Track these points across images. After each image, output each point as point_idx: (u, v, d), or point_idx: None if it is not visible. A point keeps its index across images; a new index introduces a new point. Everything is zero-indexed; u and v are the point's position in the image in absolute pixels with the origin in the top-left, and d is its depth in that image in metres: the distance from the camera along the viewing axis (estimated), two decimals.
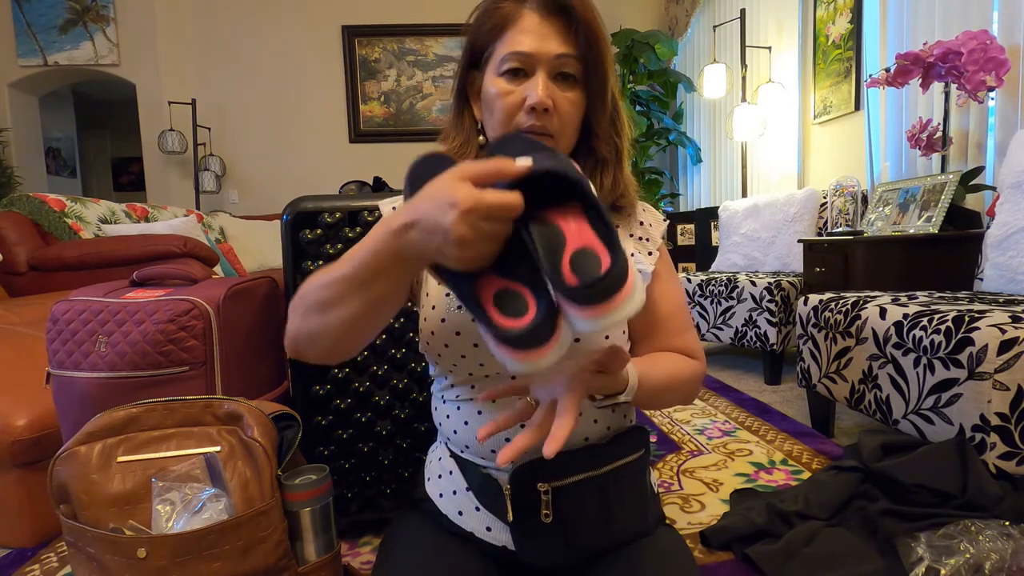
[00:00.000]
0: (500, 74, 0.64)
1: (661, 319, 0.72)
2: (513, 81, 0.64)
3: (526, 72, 0.64)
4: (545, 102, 0.62)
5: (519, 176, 0.46)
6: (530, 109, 0.63)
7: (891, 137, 2.30)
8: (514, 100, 0.64)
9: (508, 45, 0.64)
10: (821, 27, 2.82)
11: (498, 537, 0.64)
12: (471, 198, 0.42)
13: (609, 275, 0.43)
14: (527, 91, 0.63)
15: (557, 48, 0.63)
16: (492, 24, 0.65)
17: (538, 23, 0.63)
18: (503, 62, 0.64)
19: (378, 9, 4.39)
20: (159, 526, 0.68)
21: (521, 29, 0.63)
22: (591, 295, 0.43)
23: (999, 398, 0.98)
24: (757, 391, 2.11)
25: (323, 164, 4.43)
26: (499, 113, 0.65)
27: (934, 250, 1.81)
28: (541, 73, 0.63)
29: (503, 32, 0.64)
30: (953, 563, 0.81)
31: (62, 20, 4.19)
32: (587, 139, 0.70)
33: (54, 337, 0.99)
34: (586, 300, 0.43)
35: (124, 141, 6.41)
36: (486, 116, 0.68)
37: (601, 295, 0.43)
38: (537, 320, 0.46)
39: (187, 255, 2.25)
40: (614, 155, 0.70)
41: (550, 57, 0.63)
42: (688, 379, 0.70)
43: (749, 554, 0.95)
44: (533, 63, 0.63)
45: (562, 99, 0.64)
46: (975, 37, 1.68)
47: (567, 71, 0.64)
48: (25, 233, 2.51)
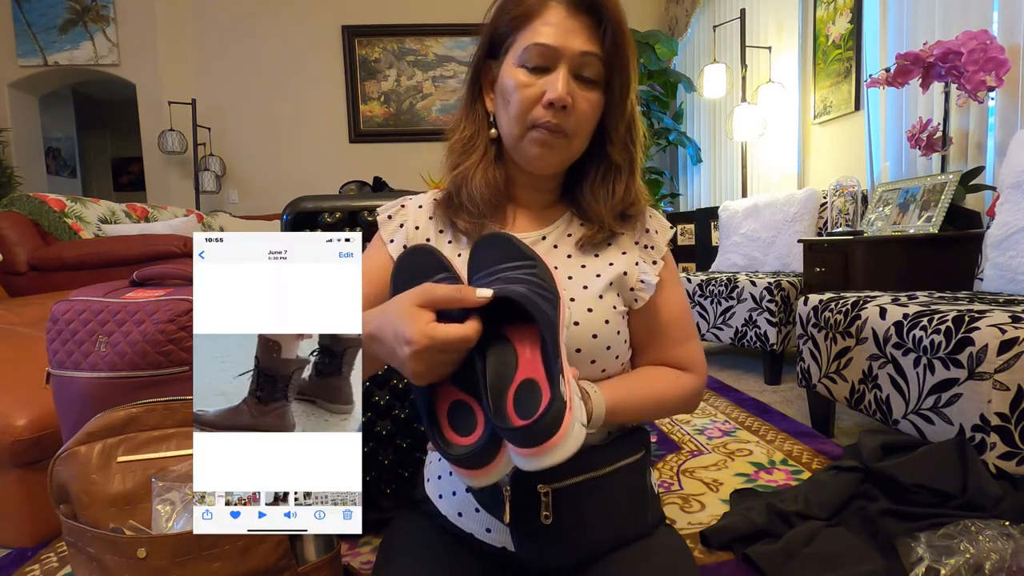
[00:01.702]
0: (520, 65, 0.63)
1: (663, 327, 0.71)
2: (533, 74, 0.62)
3: (547, 67, 0.62)
4: (565, 99, 0.61)
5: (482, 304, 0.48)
6: (548, 104, 0.61)
7: (891, 137, 2.30)
8: (532, 93, 0.62)
9: (531, 36, 0.62)
10: (821, 27, 2.82)
11: (498, 538, 0.64)
12: (424, 337, 0.45)
13: (542, 419, 0.43)
14: (547, 85, 0.62)
15: (582, 45, 0.62)
16: (517, 13, 0.64)
17: (564, 17, 0.62)
18: (524, 53, 0.62)
19: (378, 9, 4.40)
20: (159, 526, 0.68)
21: (546, 21, 0.62)
22: (522, 438, 0.44)
23: (999, 398, 0.98)
24: (757, 391, 2.11)
25: (323, 164, 4.43)
26: (515, 106, 0.63)
27: (934, 250, 1.81)
28: (563, 69, 0.62)
29: (527, 22, 0.63)
30: (953, 563, 0.81)
31: (62, 20, 4.20)
32: (602, 143, 0.69)
33: (54, 337, 0.99)
34: (519, 442, 0.45)
35: (124, 141, 6.41)
36: (500, 107, 0.67)
37: (532, 439, 0.44)
38: (480, 443, 0.47)
39: (187, 255, 2.26)
40: (627, 163, 0.69)
41: (574, 54, 0.61)
42: (679, 398, 0.70)
43: (749, 554, 0.95)
44: (556, 58, 0.62)
45: (581, 98, 0.63)
46: (975, 37, 1.68)
47: (589, 72, 0.63)
48: (25, 233, 2.51)
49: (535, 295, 0.49)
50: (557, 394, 0.45)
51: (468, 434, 0.50)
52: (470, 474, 0.49)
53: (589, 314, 0.64)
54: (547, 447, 0.44)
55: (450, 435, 0.51)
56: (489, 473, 0.48)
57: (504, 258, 0.55)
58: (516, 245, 0.56)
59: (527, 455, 0.44)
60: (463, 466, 0.48)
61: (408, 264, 0.59)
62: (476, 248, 0.58)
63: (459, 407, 0.52)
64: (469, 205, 0.68)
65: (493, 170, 0.69)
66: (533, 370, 0.49)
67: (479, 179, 0.68)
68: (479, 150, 0.69)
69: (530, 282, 0.51)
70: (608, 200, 0.69)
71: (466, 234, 0.69)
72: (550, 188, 0.73)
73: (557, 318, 0.50)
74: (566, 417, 0.44)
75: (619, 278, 0.68)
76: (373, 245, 0.74)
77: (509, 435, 0.45)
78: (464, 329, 0.46)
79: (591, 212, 0.70)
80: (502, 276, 0.53)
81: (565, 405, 0.45)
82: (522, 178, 0.71)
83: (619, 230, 0.70)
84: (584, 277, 0.68)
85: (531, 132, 0.64)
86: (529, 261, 0.55)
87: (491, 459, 0.48)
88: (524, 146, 0.65)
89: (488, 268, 0.55)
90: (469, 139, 0.70)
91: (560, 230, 0.72)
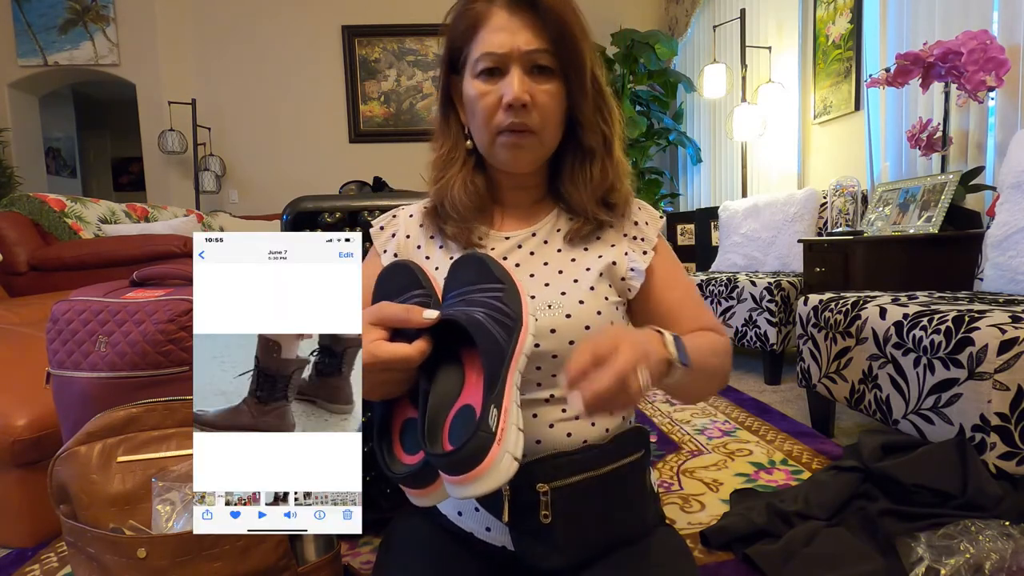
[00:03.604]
0: (476, 75, 0.65)
1: (670, 310, 0.72)
2: (489, 81, 0.64)
3: (501, 70, 0.63)
4: (522, 98, 0.62)
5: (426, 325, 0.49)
6: (507, 107, 0.63)
7: (891, 137, 2.30)
8: (492, 100, 0.64)
9: (481, 46, 0.64)
10: (821, 27, 2.82)
11: (497, 537, 0.64)
12: (367, 355, 0.47)
13: (463, 449, 0.43)
14: (503, 89, 0.63)
15: (528, 43, 0.63)
16: (465, 26, 0.65)
17: (507, 19, 0.63)
18: (477, 63, 0.64)
19: (378, 9, 4.39)
20: (159, 526, 0.68)
21: (492, 28, 0.63)
22: (444, 465, 0.45)
23: (999, 398, 0.98)
24: (757, 391, 2.11)
25: (323, 164, 4.43)
26: (479, 115, 0.65)
27: (934, 250, 1.81)
28: (515, 70, 0.63)
29: (476, 33, 0.65)
30: (953, 563, 0.81)
31: (62, 20, 4.20)
32: (573, 129, 0.69)
33: (54, 337, 0.99)
34: (442, 468, 0.45)
35: (124, 141, 6.41)
36: (470, 119, 0.68)
37: (453, 468, 0.44)
38: (420, 464, 0.48)
39: (187, 255, 2.26)
40: (602, 143, 0.70)
41: (521, 53, 0.63)
42: (723, 350, 0.68)
43: (749, 554, 0.95)
44: (506, 61, 0.63)
45: (539, 92, 0.64)
46: (975, 37, 1.68)
47: (542, 63, 0.64)
48: (25, 233, 2.51)
49: (489, 320, 0.50)
50: (483, 424, 0.45)
51: (416, 452, 0.51)
52: (413, 493, 0.51)
53: (581, 306, 0.65)
54: (469, 477, 0.44)
55: (398, 451, 0.52)
56: (431, 494, 0.50)
57: (474, 280, 0.56)
58: (488, 268, 0.57)
59: (452, 482, 0.45)
60: (407, 484, 0.50)
61: (385, 280, 0.60)
62: (452, 269, 0.60)
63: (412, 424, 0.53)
64: (453, 213, 0.70)
65: (472, 178, 0.71)
66: (473, 396, 0.50)
67: (458, 188, 0.69)
68: (458, 162, 0.71)
69: (491, 306, 0.52)
70: (587, 185, 0.70)
71: (455, 240, 0.71)
72: (535, 185, 0.74)
73: (512, 345, 0.51)
74: (492, 449, 0.44)
75: (609, 268, 0.69)
76: (370, 258, 0.76)
77: (434, 460, 0.46)
78: (406, 349, 0.48)
79: (574, 202, 0.71)
80: (467, 298, 0.54)
81: (493, 437, 0.45)
82: (506, 180, 0.73)
83: (605, 218, 0.71)
84: (574, 271, 0.68)
85: (499, 138, 0.66)
86: (498, 285, 0.56)
87: (432, 480, 0.49)
88: (496, 152, 0.67)
89: (459, 289, 0.57)
90: (447, 154, 0.72)
91: (549, 226, 0.73)
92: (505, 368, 0.49)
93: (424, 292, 0.57)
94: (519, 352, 0.51)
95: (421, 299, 0.56)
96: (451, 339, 0.51)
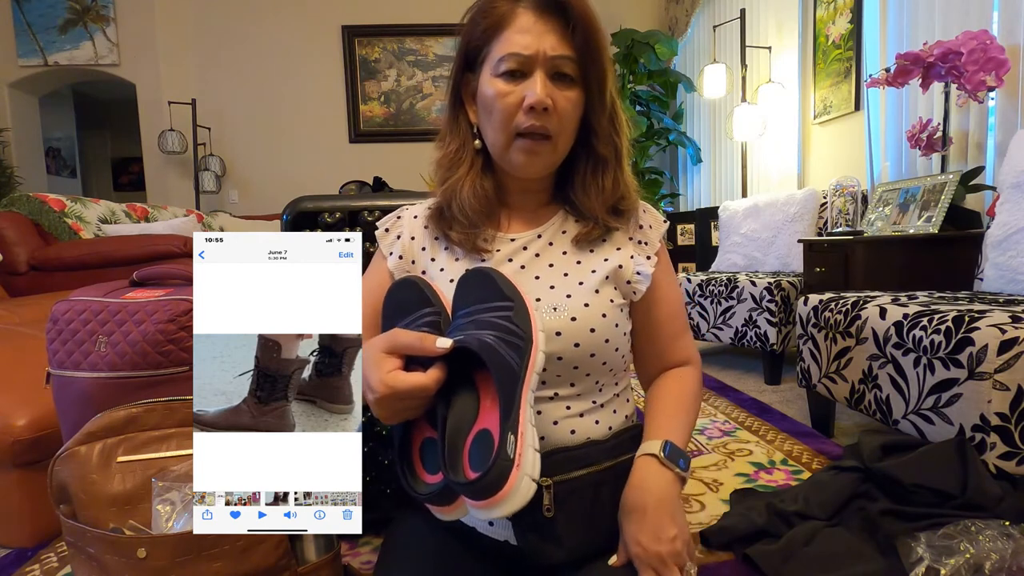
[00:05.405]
0: (497, 75, 0.64)
1: (660, 323, 0.73)
2: (511, 82, 0.63)
3: (524, 72, 0.63)
4: (544, 101, 0.62)
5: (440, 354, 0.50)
6: (529, 109, 0.62)
7: (891, 137, 2.30)
8: (513, 101, 0.63)
9: (505, 46, 0.63)
10: (821, 27, 2.82)
11: (500, 532, 0.64)
12: (383, 386, 0.48)
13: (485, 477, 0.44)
14: (526, 91, 0.63)
15: (554, 47, 0.63)
16: (487, 24, 0.65)
17: (534, 22, 0.63)
18: (500, 63, 0.63)
19: (378, 9, 4.40)
20: (159, 526, 0.68)
21: (517, 29, 0.63)
22: (468, 492, 0.46)
23: (999, 398, 0.98)
24: (757, 391, 2.11)
25: (323, 164, 4.43)
26: (498, 115, 0.64)
27: (934, 250, 1.81)
28: (539, 73, 0.63)
29: (499, 32, 0.64)
30: (953, 563, 0.81)
31: (62, 20, 4.20)
32: (587, 138, 0.69)
33: (54, 337, 0.99)
34: (466, 495, 0.46)
35: (124, 141, 6.41)
36: (483, 118, 0.68)
37: (477, 494, 0.45)
38: (441, 484, 0.49)
39: (187, 255, 2.25)
40: (613, 155, 0.70)
41: (548, 57, 0.62)
42: (697, 396, 0.73)
43: (749, 554, 0.95)
44: (531, 63, 0.63)
45: (561, 98, 0.64)
46: (975, 37, 1.68)
47: (565, 70, 0.64)
48: (25, 233, 2.51)
49: (500, 342, 0.51)
50: (503, 452, 0.46)
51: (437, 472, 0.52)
52: (437, 510, 0.51)
53: (586, 309, 0.65)
54: (493, 502, 0.45)
55: (420, 471, 0.53)
56: (455, 510, 0.51)
57: (482, 299, 0.56)
58: (496, 285, 0.57)
59: (474, 506, 0.46)
60: (430, 502, 0.51)
61: (394, 296, 0.61)
62: (459, 285, 0.60)
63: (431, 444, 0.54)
64: (460, 217, 0.69)
65: (481, 180, 0.70)
66: (490, 420, 0.50)
67: (467, 191, 0.69)
68: (466, 163, 0.70)
69: (501, 327, 0.53)
70: (599, 195, 0.70)
71: (459, 245, 0.70)
72: (542, 189, 0.74)
73: (524, 367, 0.51)
74: (512, 474, 0.45)
75: (615, 271, 0.69)
76: (375, 261, 0.76)
77: (457, 487, 0.47)
78: (422, 379, 0.49)
79: (584, 207, 0.71)
80: (477, 319, 0.54)
81: (512, 463, 0.45)
82: (513, 184, 0.72)
83: (613, 224, 0.71)
84: (580, 273, 0.68)
85: (516, 141, 0.65)
86: (507, 303, 0.56)
87: (455, 499, 0.50)
88: (510, 155, 0.66)
89: (467, 308, 0.57)
90: (455, 153, 0.71)
91: (555, 227, 0.73)
92: (519, 392, 0.49)
93: (434, 311, 0.58)
94: (531, 372, 0.52)
95: (431, 318, 0.57)
96: (464, 362, 0.52)
